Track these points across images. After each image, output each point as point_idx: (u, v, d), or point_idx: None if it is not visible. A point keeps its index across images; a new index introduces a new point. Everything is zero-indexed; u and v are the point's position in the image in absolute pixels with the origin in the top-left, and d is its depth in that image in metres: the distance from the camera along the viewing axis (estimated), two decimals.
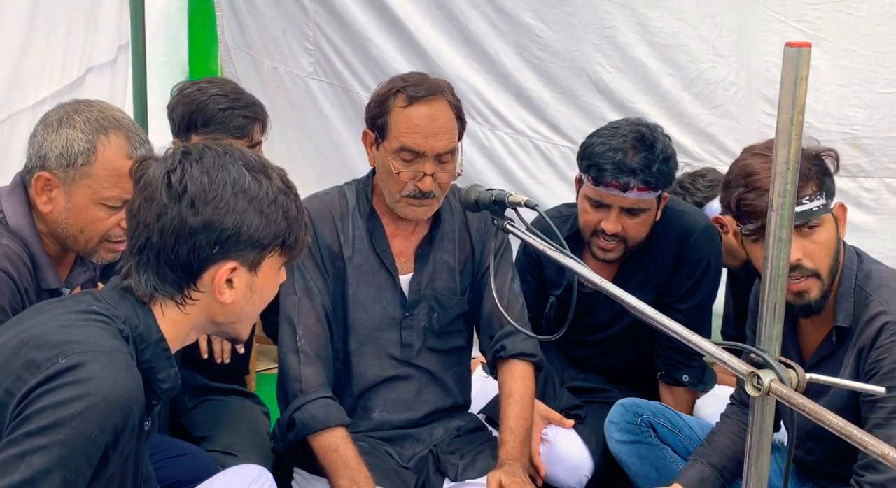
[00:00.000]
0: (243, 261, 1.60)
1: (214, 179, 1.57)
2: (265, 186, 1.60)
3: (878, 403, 2.07)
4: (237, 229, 1.57)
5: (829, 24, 3.14)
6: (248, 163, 1.61)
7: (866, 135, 3.21)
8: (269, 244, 1.61)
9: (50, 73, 3.12)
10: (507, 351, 2.52)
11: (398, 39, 3.79)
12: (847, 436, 1.24)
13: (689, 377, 2.92)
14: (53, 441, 1.38)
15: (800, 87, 1.36)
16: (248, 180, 1.59)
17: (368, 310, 2.51)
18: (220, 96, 2.64)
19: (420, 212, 2.44)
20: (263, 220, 1.59)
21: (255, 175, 1.60)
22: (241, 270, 1.60)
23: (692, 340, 1.48)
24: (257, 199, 1.59)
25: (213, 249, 1.57)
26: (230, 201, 1.57)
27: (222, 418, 2.69)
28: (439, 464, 2.49)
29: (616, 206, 2.70)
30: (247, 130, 2.63)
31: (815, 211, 2.08)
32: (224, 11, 4.27)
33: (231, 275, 1.60)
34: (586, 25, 3.45)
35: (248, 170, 1.60)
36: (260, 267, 1.63)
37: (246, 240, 1.58)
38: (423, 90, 2.37)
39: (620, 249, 2.77)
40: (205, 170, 1.57)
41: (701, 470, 2.40)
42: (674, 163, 2.75)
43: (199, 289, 1.60)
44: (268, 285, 1.67)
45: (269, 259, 1.63)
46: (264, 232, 1.59)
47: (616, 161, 2.64)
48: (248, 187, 1.58)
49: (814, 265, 2.10)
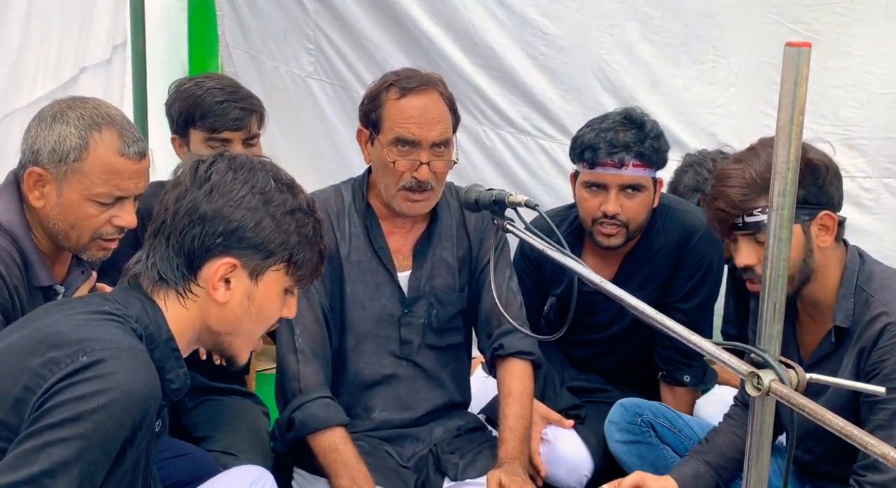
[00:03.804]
0: (245, 263, 1.60)
1: (238, 176, 1.61)
2: (285, 197, 1.63)
3: (879, 404, 2.07)
4: (243, 225, 1.58)
5: (826, 25, 3.14)
6: (278, 178, 1.65)
7: (862, 137, 3.22)
8: (274, 253, 1.61)
9: (44, 73, 3.11)
10: (505, 349, 2.52)
11: (399, 39, 3.79)
12: (847, 436, 1.24)
13: (690, 377, 2.92)
14: (73, 434, 1.39)
15: (800, 87, 1.36)
16: (270, 187, 1.62)
17: (366, 308, 2.51)
18: (217, 89, 2.65)
19: (417, 206, 2.44)
20: (273, 225, 1.60)
21: (280, 186, 1.63)
22: (240, 272, 1.61)
23: (692, 340, 1.48)
24: (273, 205, 1.61)
25: (216, 239, 1.58)
26: (246, 197, 1.59)
27: (222, 418, 2.69)
28: (439, 464, 2.49)
29: (614, 186, 2.72)
30: (244, 122, 2.64)
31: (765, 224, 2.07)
32: (224, 11, 4.27)
33: (230, 273, 1.60)
34: (591, 21, 3.44)
35: (275, 181, 1.63)
36: (262, 277, 1.62)
37: (250, 240, 1.59)
38: (415, 81, 2.40)
39: (622, 235, 2.77)
40: (233, 167, 1.62)
41: (695, 466, 2.40)
42: (665, 143, 2.79)
43: (199, 284, 1.60)
44: (267, 302, 1.65)
45: (273, 272, 1.63)
46: (271, 237, 1.60)
47: (609, 139, 2.70)
48: (267, 191, 1.61)
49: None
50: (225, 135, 2.62)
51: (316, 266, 1.69)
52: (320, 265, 1.71)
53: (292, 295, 1.71)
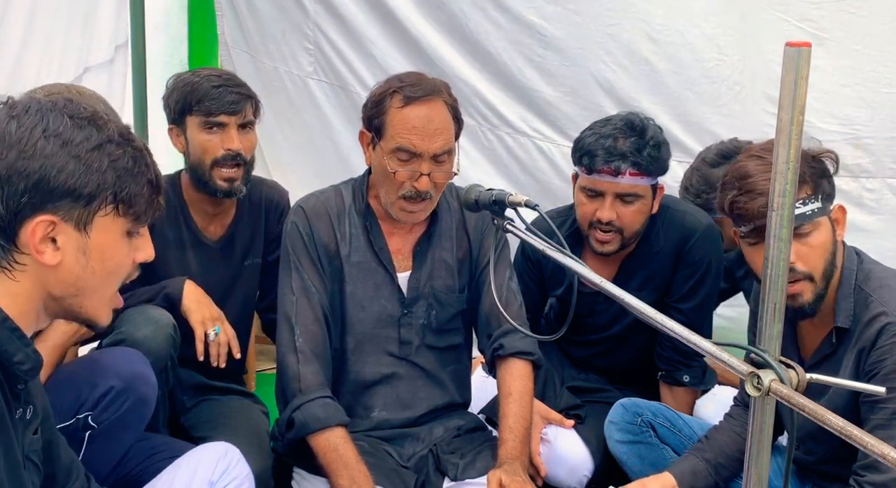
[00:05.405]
0: (65, 217, 1.44)
1: (23, 123, 1.42)
2: (88, 132, 1.44)
3: (878, 404, 2.07)
4: (45, 174, 1.40)
5: (832, 23, 3.13)
6: (74, 114, 1.45)
7: (868, 136, 3.21)
8: (93, 196, 1.44)
9: (47, 74, 3.12)
10: (505, 349, 2.52)
11: (398, 39, 3.78)
12: (847, 436, 1.24)
13: (690, 377, 2.92)
14: None
15: (800, 87, 1.36)
16: (65, 126, 1.43)
17: (366, 308, 2.51)
18: (214, 77, 2.69)
19: (413, 216, 2.45)
20: (81, 167, 1.43)
21: (78, 122, 1.44)
22: (64, 227, 1.44)
23: (692, 340, 1.48)
24: (73, 144, 1.42)
25: (21, 198, 1.40)
26: (38, 144, 1.41)
27: (221, 418, 2.70)
28: (439, 464, 2.49)
29: (610, 193, 2.71)
30: (240, 106, 2.65)
31: (809, 215, 2.07)
32: (224, 11, 4.28)
33: (52, 232, 1.44)
34: (590, 22, 3.44)
35: (71, 118, 1.44)
36: (90, 226, 1.46)
37: (59, 189, 1.42)
38: (420, 90, 2.38)
39: (617, 241, 2.77)
40: (14, 115, 1.43)
41: (694, 463, 2.40)
42: (666, 151, 2.77)
43: (22, 251, 1.44)
44: (108, 251, 1.49)
45: (101, 218, 1.46)
46: (82, 180, 1.43)
47: (606, 147, 2.68)
48: (62, 132, 1.43)
49: (807, 268, 2.09)
50: (221, 119, 2.63)
51: (150, 198, 1.51)
52: (155, 196, 1.53)
53: (139, 236, 1.55)
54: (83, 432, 2.13)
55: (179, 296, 2.55)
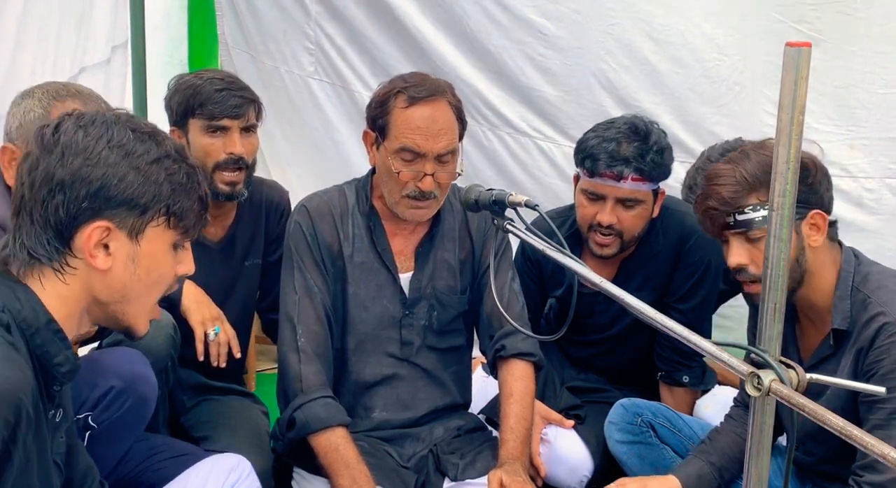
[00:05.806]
0: (120, 224, 1.50)
1: (89, 133, 1.48)
2: (148, 146, 1.51)
3: (877, 404, 2.07)
4: (106, 182, 1.47)
5: (828, 24, 3.13)
6: (136, 128, 1.52)
7: (864, 137, 3.21)
8: (148, 207, 1.51)
9: (41, 74, 3.12)
10: (507, 350, 2.52)
11: (399, 39, 3.78)
12: (847, 436, 1.24)
13: (690, 377, 2.92)
14: None
15: (800, 87, 1.36)
16: (128, 138, 1.49)
17: (368, 309, 2.51)
18: (217, 79, 2.68)
19: (420, 213, 2.45)
20: (140, 178, 1.49)
21: (139, 135, 1.51)
22: (117, 234, 1.50)
23: (692, 340, 1.48)
24: (135, 156, 1.49)
25: (81, 204, 1.46)
26: (102, 153, 1.47)
27: (221, 418, 2.69)
28: (439, 464, 2.49)
29: (611, 197, 2.71)
30: (242, 110, 2.65)
31: (758, 221, 2.08)
32: (224, 11, 4.28)
33: (106, 238, 1.49)
34: (591, 21, 3.43)
35: (134, 132, 1.51)
36: (142, 235, 1.52)
37: (118, 198, 1.48)
38: (424, 91, 2.38)
39: (616, 245, 2.77)
40: (82, 125, 1.49)
41: (700, 467, 2.40)
42: (669, 157, 2.76)
43: (75, 255, 1.49)
44: (155, 261, 1.55)
45: (153, 228, 1.53)
46: (140, 191, 1.49)
47: (609, 151, 2.67)
48: (125, 143, 1.49)
49: (759, 271, 2.09)
50: (224, 123, 2.62)
51: (199, 214, 1.57)
52: (204, 213, 1.59)
53: (184, 249, 1.60)
54: (83, 432, 2.13)
55: (179, 296, 2.55)
